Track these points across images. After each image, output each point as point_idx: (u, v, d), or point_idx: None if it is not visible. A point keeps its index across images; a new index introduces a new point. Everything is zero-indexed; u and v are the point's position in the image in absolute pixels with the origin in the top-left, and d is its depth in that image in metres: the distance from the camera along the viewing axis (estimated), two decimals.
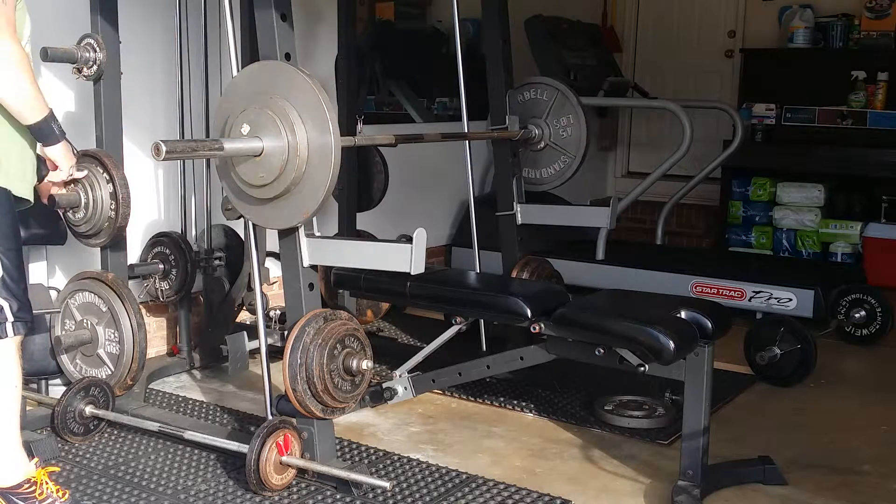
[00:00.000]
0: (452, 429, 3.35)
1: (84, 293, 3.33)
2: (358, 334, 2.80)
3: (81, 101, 3.66)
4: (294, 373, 2.66)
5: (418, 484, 2.84)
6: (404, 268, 2.65)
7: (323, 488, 2.77)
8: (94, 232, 3.26)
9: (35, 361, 3.41)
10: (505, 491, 2.78)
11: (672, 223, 6.46)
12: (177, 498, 2.73)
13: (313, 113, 2.53)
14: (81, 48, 3.22)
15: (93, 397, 3.17)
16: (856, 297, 4.51)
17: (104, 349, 3.30)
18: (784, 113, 6.31)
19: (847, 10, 6.45)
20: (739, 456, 3.01)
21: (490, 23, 4.06)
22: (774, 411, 3.63)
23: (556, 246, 5.17)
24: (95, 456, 3.05)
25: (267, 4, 2.68)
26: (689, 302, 3.05)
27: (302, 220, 2.68)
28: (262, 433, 2.68)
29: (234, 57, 2.93)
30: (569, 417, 3.45)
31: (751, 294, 4.67)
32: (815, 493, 2.85)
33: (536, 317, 2.92)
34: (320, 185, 2.55)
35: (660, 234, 6.00)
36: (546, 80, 4.32)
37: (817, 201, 6.19)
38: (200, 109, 3.89)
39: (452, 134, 4.51)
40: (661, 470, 2.99)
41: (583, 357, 2.87)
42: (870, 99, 6.13)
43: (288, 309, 2.82)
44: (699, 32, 7.16)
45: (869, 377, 4.23)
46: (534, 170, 4.30)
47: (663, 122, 6.96)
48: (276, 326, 3.74)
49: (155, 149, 2.39)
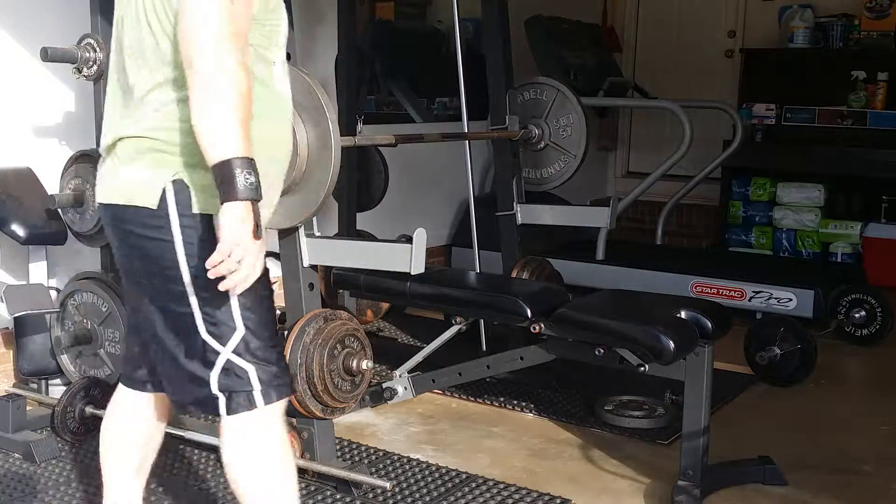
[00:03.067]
0: (452, 429, 3.35)
1: (84, 293, 3.33)
2: (358, 334, 2.80)
3: (81, 101, 3.65)
4: (294, 373, 2.66)
5: (418, 484, 2.84)
6: (404, 268, 2.65)
7: (323, 488, 2.77)
8: (95, 232, 3.26)
9: (35, 361, 3.41)
10: (505, 491, 2.78)
11: (672, 223, 6.46)
12: (177, 498, 2.73)
13: (313, 113, 2.53)
14: (81, 48, 3.22)
15: (93, 397, 3.17)
16: (856, 297, 4.51)
17: (104, 349, 3.30)
18: (784, 113, 6.31)
19: (847, 10, 6.44)
20: (739, 456, 3.00)
21: (490, 23, 4.06)
22: (774, 411, 3.63)
23: (556, 246, 5.17)
24: (95, 456, 3.02)
25: None
26: (689, 302, 3.05)
27: (302, 220, 2.68)
28: None
29: None
30: (569, 417, 3.45)
31: (751, 294, 4.67)
32: (815, 493, 2.85)
33: (536, 317, 2.92)
34: (320, 184, 2.55)
35: (660, 234, 6.00)
36: (546, 80, 4.32)
37: (817, 201, 6.19)
38: None
39: (452, 134, 4.50)
40: (661, 470, 2.99)
41: (583, 357, 2.87)
42: (870, 99, 6.13)
43: (288, 309, 2.82)
44: (699, 32, 7.16)
45: (869, 377, 4.23)
46: (534, 170, 4.30)
47: (663, 122, 6.96)
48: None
49: None
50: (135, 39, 1.87)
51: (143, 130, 1.83)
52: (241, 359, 1.86)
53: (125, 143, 1.86)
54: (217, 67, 1.68)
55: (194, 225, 1.82)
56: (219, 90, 1.68)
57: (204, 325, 1.84)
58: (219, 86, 1.68)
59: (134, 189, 1.84)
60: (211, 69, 1.68)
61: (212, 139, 1.69)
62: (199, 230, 1.82)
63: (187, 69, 1.71)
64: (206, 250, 1.76)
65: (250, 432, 1.90)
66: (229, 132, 1.68)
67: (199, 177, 1.81)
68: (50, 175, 3.41)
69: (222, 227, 1.69)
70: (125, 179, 1.86)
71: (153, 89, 1.83)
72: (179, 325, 1.86)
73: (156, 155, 1.82)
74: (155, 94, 1.83)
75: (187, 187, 1.81)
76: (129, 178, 1.85)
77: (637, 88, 6.28)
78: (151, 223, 1.83)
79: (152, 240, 1.84)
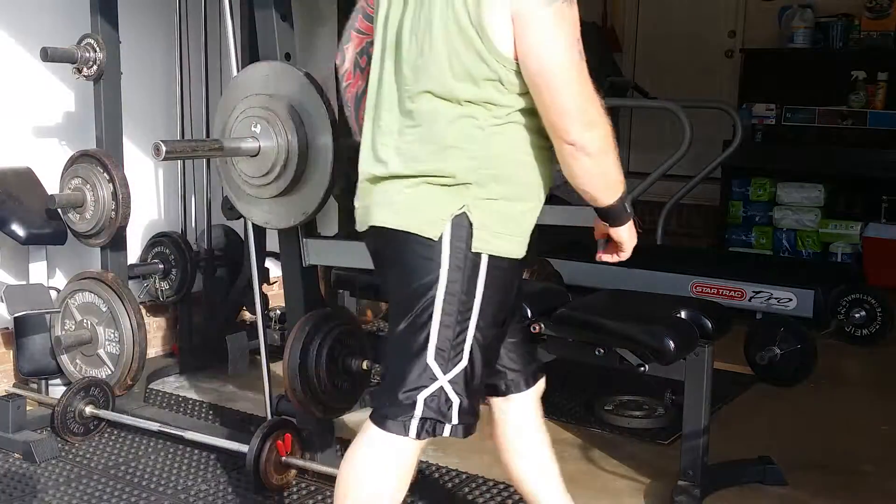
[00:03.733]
0: None
1: (84, 293, 3.33)
2: (358, 334, 2.80)
3: (81, 101, 3.66)
4: (294, 373, 2.66)
5: (418, 484, 2.83)
6: None
7: (323, 488, 2.77)
8: (95, 232, 3.26)
9: (35, 361, 3.41)
10: (505, 491, 2.78)
11: (672, 223, 6.45)
12: (177, 498, 2.73)
13: (313, 113, 2.53)
14: (81, 48, 3.22)
15: (93, 397, 3.17)
16: (856, 297, 4.50)
17: (104, 349, 3.30)
18: (784, 113, 6.30)
19: (847, 10, 6.43)
20: (739, 456, 3.00)
21: None
22: (774, 411, 3.63)
23: (556, 246, 5.16)
24: (95, 456, 3.05)
25: (267, 4, 2.68)
26: (689, 302, 3.05)
27: (302, 220, 2.68)
28: (262, 433, 2.68)
29: (234, 57, 2.93)
30: (569, 417, 3.45)
31: (751, 294, 4.66)
32: (814, 493, 2.85)
33: (536, 317, 2.92)
34: (320, 185, 2.55)
35: (660, 234, 5.99)
36: None
37: (817, 201, 6.18)
38: (200, 109, 3.89)
39: None
40: (661, 470, 2.99)
41: (583, 357, 2.87)
42: (870, 99, 6.12)
43: (288, 309, 2.83)
44: (699, 32, 7.16)
45: (869, 377, 4.23)
46: None
47: (663, 122, 6.95)
48: (276, 326, 3.74)
49: (155, 149, 2.38)
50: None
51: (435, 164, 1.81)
52: (453, 389, 1.86)
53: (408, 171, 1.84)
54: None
55: (466, 261, 1.82)
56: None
57: (434, 349, 1.83)
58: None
59: (415, 217, 1.83)
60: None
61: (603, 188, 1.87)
62: (469, 268, 1.82)
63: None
64: (468, 284, 1.81)
65: (391, 452, 1.89)
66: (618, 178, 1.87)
67: (480, 214, 1.81)
68: (50, 175, 3.42)
69: (625, 239, 2.05)
70: (404, 205, 1.84)
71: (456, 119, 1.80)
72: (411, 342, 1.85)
73: (440, 188, 1.81)
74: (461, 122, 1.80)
75: (470, 224, 1.81)
76: (409, 204, 1.83)
77: (637, 88, 6.28)
78: (424, 252, 1.82)
79: (423, 259, 1.83)
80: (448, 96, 1.79)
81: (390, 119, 1.88)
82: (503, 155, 1.83)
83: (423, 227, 1.81)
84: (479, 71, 1.76)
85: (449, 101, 1.79)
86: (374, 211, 1.91)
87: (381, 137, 1.90)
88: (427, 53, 1.79)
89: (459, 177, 1.79)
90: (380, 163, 1.89)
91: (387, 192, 1.88)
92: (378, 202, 1.90)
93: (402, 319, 1.85)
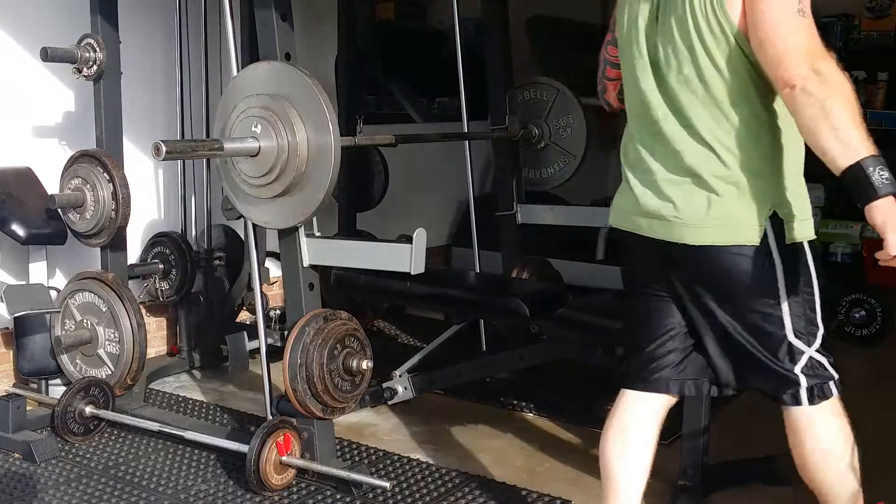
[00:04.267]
0: (452, 429, 3.35)
1: (84, 293, 3.33)
2: (358, 334, 2.80)
3: (81, 101, 3.66)
4: (294, 373, 2.66)
5: (418, 484, 2.83)
6: (404, 268, 2.65)
7: (323, 488, 2.77)
8: (95, 232, 3.26)
9: (35, 361, 3.41)
10: (505, 491, 2.78)
11: None
12: (177, 498, 2.73)
13: (313, 113, 2.54)
14: (81, 48, 3.23)
15: (93, 397, 3.17)
16: (856, 297, 4.51)
17: (104, 349, 3.30)
18: None
19: (847, 10, 6.43)
20: (739, 456, 3.00)
21: (490, 23, 4.06)
22: (775, 411, 3.60)
23: (556, 246, 5.16)
24: (95, 456, 3.05)
25: (267, 4, 2.68)
26: None
27: (302, 220, 2.68)
28: (262, 433, 2.68)
29: (234, 57, 2.93)
30: (569, 417, 3.44)
31: None
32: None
33: (536, 317, 2.92)
34: (320, 185, 2.55)
35: None
36: (546, 80, 4.32)
37: (817, 201, 6.16)
38: (200, 109, 3.89)
39: (452, 134, 4.51)
40: (661, 470, 2.97)
41: (583, 357, 2.87)
42: (870, 99, 6.13)
43: (288, 309, 2.83)
44: None
45: (869, 377, 4.23)
46: (534, 170, 4.30)
47: None
48: (276, 326, 3.74)
49: (155, 149, 2.39)
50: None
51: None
52: (821, 355, 2.09)
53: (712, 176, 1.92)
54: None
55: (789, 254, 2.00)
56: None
57: (792, 329, 2.07)
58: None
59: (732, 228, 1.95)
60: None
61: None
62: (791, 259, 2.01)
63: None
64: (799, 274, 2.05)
65: (832, 418, 2.16)
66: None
67: (786, 209, 1.97)
68: (50, 175, 3.42)
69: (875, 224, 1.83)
70: (719, 217, 1.94)
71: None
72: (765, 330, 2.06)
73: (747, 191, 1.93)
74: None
75: (781, 220, 1.96)
76: (722, 215, 1.94)
77: None
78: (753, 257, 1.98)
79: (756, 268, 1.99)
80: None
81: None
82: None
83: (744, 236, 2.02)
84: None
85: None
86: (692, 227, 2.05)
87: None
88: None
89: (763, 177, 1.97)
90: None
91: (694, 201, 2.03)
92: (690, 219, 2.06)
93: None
